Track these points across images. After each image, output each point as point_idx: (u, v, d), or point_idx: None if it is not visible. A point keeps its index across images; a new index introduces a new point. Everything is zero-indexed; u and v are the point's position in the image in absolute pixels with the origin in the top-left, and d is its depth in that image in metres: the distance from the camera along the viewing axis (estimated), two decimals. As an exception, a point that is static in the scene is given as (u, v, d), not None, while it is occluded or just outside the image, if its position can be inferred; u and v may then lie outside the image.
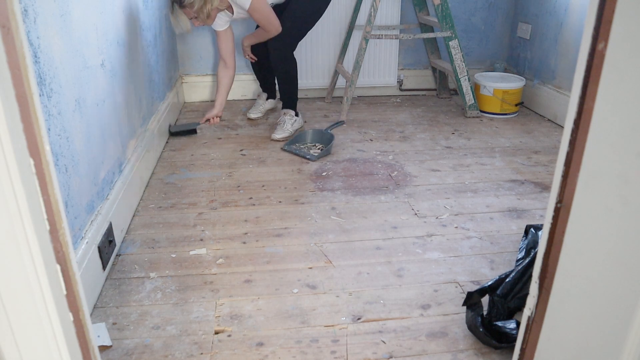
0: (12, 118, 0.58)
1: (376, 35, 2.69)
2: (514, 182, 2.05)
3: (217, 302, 1.37)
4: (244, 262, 1.54)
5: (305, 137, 2.46)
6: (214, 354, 1.19)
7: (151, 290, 1.41)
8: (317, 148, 2.38)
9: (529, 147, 2.42)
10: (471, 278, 1.46)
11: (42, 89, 1.14)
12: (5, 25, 0.57)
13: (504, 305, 1.26)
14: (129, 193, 1.75)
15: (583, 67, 0.64)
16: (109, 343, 1.21)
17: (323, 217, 1.79)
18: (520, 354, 0.86)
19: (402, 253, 1.58)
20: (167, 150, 2.37)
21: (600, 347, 0.66)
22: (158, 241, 1.65)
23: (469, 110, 2.83)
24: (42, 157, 0.65)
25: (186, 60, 3.04)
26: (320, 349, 1.21)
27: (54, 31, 1.22)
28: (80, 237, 1.32)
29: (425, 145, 2.44)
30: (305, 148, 2.36)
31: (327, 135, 2.42)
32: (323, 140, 2.43)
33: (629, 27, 0.57)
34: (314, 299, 1.38)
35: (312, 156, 2.26)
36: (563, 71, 2.70)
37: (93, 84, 1.49)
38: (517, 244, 1.63)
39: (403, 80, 3.24)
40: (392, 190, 1.99)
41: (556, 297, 0.74)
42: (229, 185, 2.03)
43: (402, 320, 1.30)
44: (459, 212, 1.83)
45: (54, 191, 0.67)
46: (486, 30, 3.20)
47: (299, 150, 2.32)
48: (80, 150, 1.36)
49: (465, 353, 1.19)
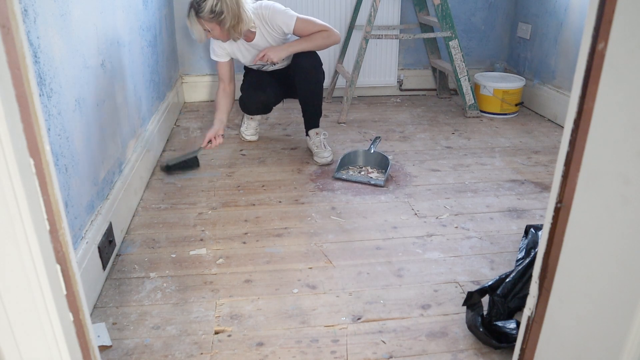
0: (12, 118, 0.58)
1: (376, 35, 2.69)
2: (514, 182, 2.05)
3: (217, 302, 1.37)
4: (244, 262, 1.54)
5: (355, 160, 2.22)
6: (214, 354, 1.19)
7: (151, 290, 1.41)
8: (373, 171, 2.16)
9: (529, 147, 2.42)
10: (471, 278, 1.46)
11: (42, 89, 1.14)
12: (5, 25, 0.57)
13: (504, 305, 1.26)
14: (129, 193, 1.75)
15: (583, 67, 0.64)
16: (109, 343, 1.21)
17: (323, 217, 1.79)
18: (520, 354, 0.86)
19: (402, 253, 1.58)
20: (167, 150, 2.37)
21: (600, 347, 0.66)
22: (158, 241, 1.64)
23: (469, 110, 2.83)
24: (42, 157, 0.64)
25: (186, 60, 3.05)
26: (320, 349, 1.21)
27: (54, 31, 1.22)
28: (80, 237, 1.32)
29: (425, 145, 2.44)
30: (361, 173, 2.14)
31: (373, 155, 2.21)
32: (369, 161, 2.22)
33: (629, 27, 0.57)
34: (314, 299, 1.38)
35: (377, 181, 2.04)
36: (563, 71, 2.70)
37: (93, 84, 1.49)
38: (517, 244, 1.63)
39: (403, 80, 3.24)
40: (392, 190, 1.99)
41: (556, 297, 0.74)
42: (229, 185, 2.03)
43: (402, 320, 1.30)
44: (459, 212, 1.83)
45: (54, 191, 0.67)
46: (486, 30, 3.20)
47: (359, 178, 2.08)
48: (80, 150, 1.36)
49: (465, 353, 1.19)
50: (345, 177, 2.09)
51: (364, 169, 2.18)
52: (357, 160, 2.23)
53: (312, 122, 2.32)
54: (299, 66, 2.17)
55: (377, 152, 2.21)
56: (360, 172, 2.16)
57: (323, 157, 2.21)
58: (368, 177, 2.09)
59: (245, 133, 2.49)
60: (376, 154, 2.21)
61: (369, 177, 2.10)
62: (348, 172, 2.16)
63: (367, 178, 2.08)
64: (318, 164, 2.23)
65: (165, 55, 2.62)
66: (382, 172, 2.14)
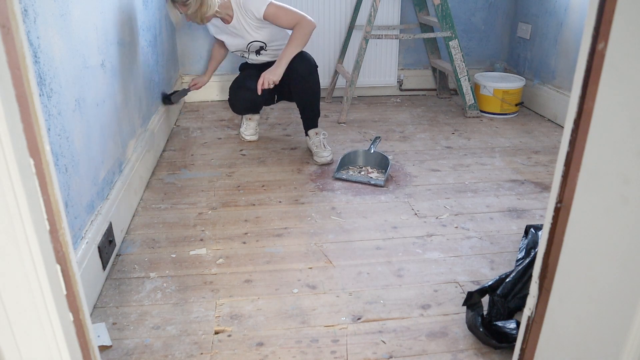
0: (12, 118, 0.58)
1: (376, 35, 2.69)
2: (514, 182, 2.05)
3: (217, 302, 1.37)
4: (244, 262, 1.54)
5: (355, 160, 2.23)
6: (214, 354, 1.19)
7: (151, 290, 1.41)
8: (373, 171, 2.15)
9: (529, 147, 2.42)
10: (471, 278, 1.46)
11: (42, 89, 1.14)
12: (5, 25, 0.57)
13: (504, 305, 1.26)
14: (129, 193, 1.75)
15: (583, 67, 0.64)
16: (109, 343, 1.21)
17: (323, 217, 1.79)
18: (520, 354, 0.86)
19: (402, 253, 1.58)
20: (167, 150, 2.37)
21: (600, 347, 0.66)
22: (158, 241, 1.64)
23: (469, 110, 2.83)
24: (42, 157, 0.64)
25: (186, 60, 3.05)
26: (320, 349, 1.21)
27: (54, 31, 1.22)
28: (80, 237, 1.32)
29: (425, 145, 2.44)
30: (361, 173, 2.14)
31: (373, 155, 2.21)
32: (369, 161, 2.22)
33: (629, 27, 0.57)
34: (314, 299, 1.38)
35: (377, 181, 2.04)
36: (563, 71, 2.70)
37: (93, 84, 1.49)
38: (517, 244, 1.63)
39: (403, 80, 3.24)
40: (392, 190, 1.99)
41: (556, 297, 0.74)
42: (229, 185, 2.03)
43: (402, 320, 1.30)
44: (459, 212, 1.83)
45: (54, 191, 0.67)
46: (486, 30, 3.20)
47: (359, 178, 2.08)
48: (80, 150, 1.36)
49: (465, 353, 1.19)
50: (345, 177, 2.09)
51: (364, 169, 2.18)
52: (357, 160, 2.23)
53: (311, 122, 2.35)
54: (295, 72, 2.22)
55: (377, 152, 2.21)
56: (360, 172, 2.16)
57: (323, 157, 2.22)
58: (368, 177, 2.09)
59: (244, 133, 2.49)
60: (376, 154, 2.21)
61: (369, 177, 2.10)
62: (348, 172, 2.16)
63: (367, 178, 2.08)
64: (318, 163, 2.23)
65: (165, 55, 2.62)
66: (382, 172, 2.14)
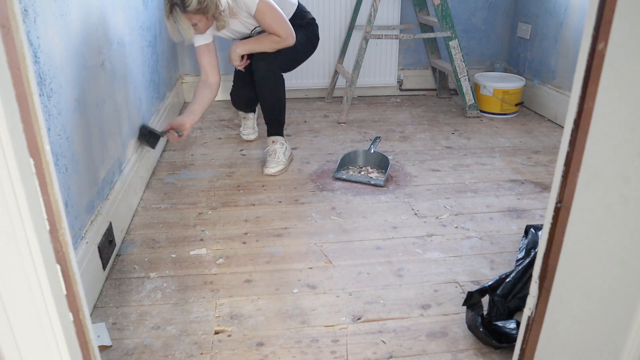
0: (12, 118, 0.58)
1: (376, 35, 2.69)
2: (514, 182, 2.05)
3: (217, 302, 1.37)
4: (244, 262, 1.54)
5: (355, 160, 2.21)
6: (214, 354, 1.19)
7: (151, 290, 1.41)
8: (373, 171, 2.15)
9: (529, 147, 2.42)
10: (471, 278, 1.46)
11: (42, 89, 1.14)
12: (5, 25, 0.57)
13: (504, 305, 1.26)
14: (129, 193, 1.75)
15: (583, 67, 0.64)
16: (109, 343, 1.21)
17: (323, 217, 1.79)
18: (520, 354, 0.86)
19: (402, 253, 1.58)
20: (167, 150, 2.37)
21: (600, 347, 0.66)
22: (158, 241, 1.65)
23: (469, 110, 2.83)
24: (42, 157, 0.64)
25: (186, 60, 3.05)
26: (320, 349, 1.21)
27: (54, 31, 1.22)
28: (80, 237, 1.32)
29: (425, 145, 2.44)
30: (361, 173, 2.13)
31: (373, 155, 2.20)
32: (369, 161, 2.21)
33: (629, 27, 0.57)
34: (314, 299, 1.38)
35: (377, 181, 2.03)
36: (563, 71, 2.70)
37: (93, 84, 1.49)
38: (517, 244, 1.63)
39: (403, 80, 3.24)
40: (392, 190, 1.99)
41: (556, 297, 0.74)
42: (229, 185, 2.03)
43: (402, 320, 1.30)
44: (459, 212, 1.83)
45: (54, 191, 0.67)
46: (486, 30, 3.20)
47: (359, 178, 2.07)
48: (80, 150, 1.36)
49: (465, 353, 1.19)
50: (345, 177, 2.08)
51: (364, 169, 2.18)
52: (357, 160, 2.23)
53: (272, 129, 2.19)
54: (255, 72, 2.09)
55: (377, 152, 2.21)
56: (360, 172, 2.16)
57: (267, 168, 2.11)
58: (368, 177, 2.09)
59: (242, 133, 2.50)
60: (376, 154, 2.20)
61: (369, 177, 2.10)
62: (348, 172, 2.16)
63: (367, 178, 2.08)
64: (263, 174, 2.14)
65: (165, 55, 2.62)
66: (382, 172, 2.14)
